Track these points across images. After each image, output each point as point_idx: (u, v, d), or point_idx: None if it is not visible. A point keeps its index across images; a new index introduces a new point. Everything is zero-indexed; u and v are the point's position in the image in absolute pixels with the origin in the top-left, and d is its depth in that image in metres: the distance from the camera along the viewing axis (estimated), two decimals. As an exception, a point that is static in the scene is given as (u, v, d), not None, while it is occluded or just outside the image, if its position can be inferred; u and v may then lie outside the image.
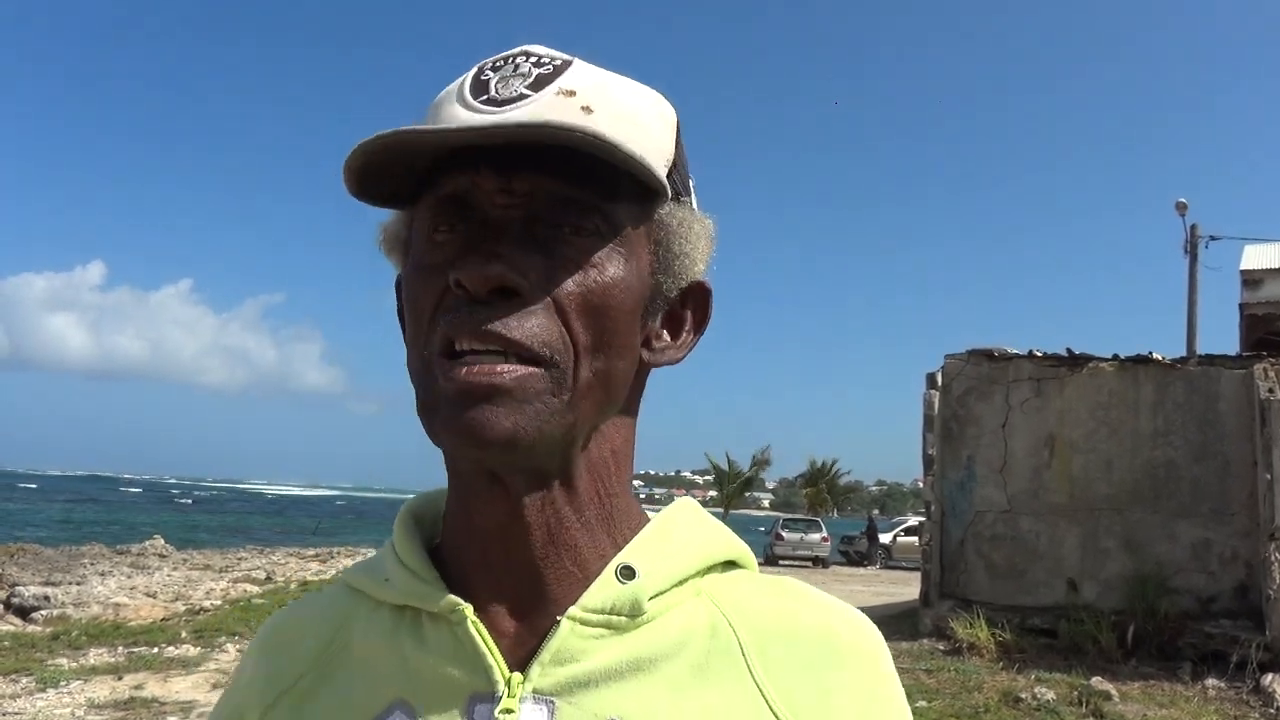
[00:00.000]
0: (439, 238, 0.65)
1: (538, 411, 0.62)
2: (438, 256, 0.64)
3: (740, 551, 0.73)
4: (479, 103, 0.64)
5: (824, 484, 50.25)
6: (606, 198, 0.65)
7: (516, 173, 0.63)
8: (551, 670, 0.63)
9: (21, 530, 29.24)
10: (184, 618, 12.40)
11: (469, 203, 0.64)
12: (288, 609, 0.78)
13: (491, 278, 0.61)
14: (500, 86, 0.65)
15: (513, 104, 0.63)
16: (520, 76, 0.65)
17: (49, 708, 7.51)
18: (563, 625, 0.64)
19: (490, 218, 0.63)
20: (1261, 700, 8.09)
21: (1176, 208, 19.84)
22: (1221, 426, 10.10)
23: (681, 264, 0.70)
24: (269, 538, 35.68)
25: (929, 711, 7.62)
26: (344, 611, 0.72)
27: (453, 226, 0.64)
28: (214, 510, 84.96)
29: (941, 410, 11.18)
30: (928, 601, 10.97)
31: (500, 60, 0.67)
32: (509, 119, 0.62)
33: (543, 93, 0.64)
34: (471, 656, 0.64)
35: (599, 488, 0.69)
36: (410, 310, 0.66)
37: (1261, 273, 18.56)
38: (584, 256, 0.64)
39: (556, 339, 0.62)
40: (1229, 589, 9.84)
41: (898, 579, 21.94)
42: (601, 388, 0.65)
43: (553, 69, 0.66)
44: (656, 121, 0.69)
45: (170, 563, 19.21)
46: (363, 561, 0.76)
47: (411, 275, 0.66)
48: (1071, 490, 10.58)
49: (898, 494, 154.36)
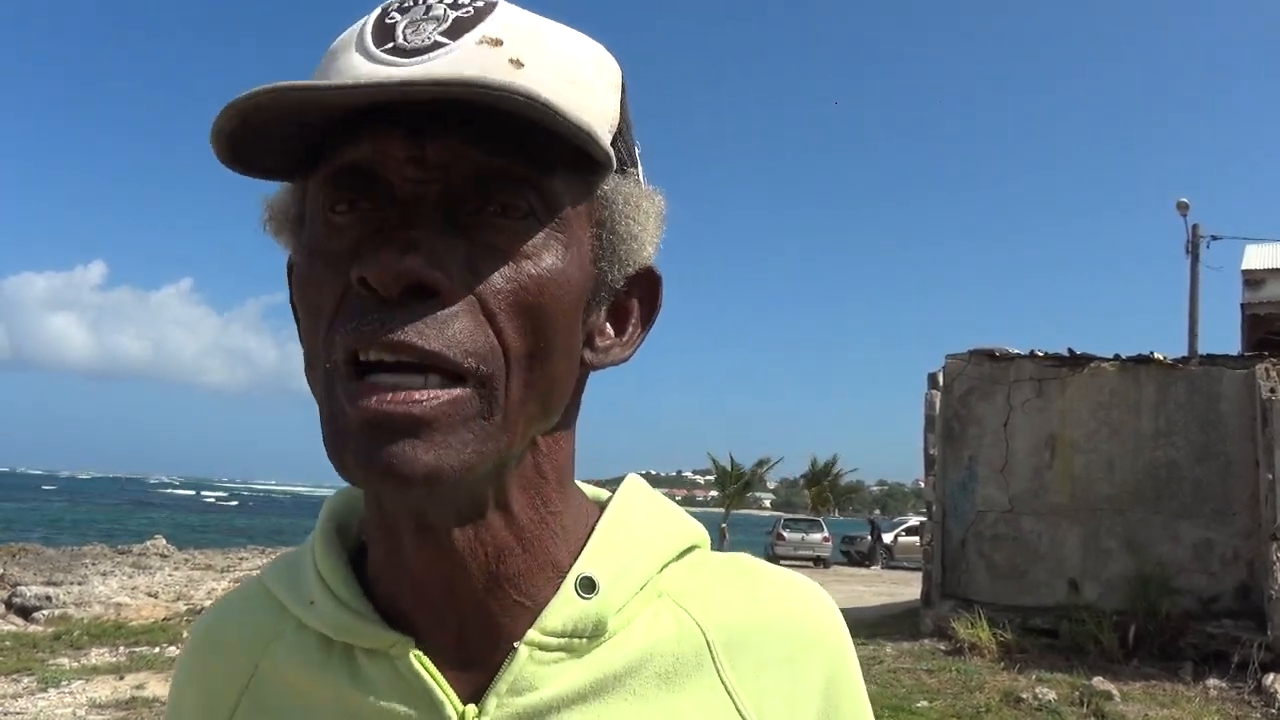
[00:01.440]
0: (337, 219, 0.54)
1: (464, 442, 0.52)
2: (336, 243, 0.54)
3: (696, 534, 0.69)
4: (383, 52, 0.54)
5: (826, 484, 50.22)
6: (542, 170, 0.54)
7: (431, 139, 0.52)
8: (509, 700, 0.58)
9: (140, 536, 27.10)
10: (185, 618, 12.40)
11: (373, 175, 0.53)
12: (211, 618, 0.71)
13: (404, 274, 0.51)
14: (409, 32, 0.54)
15: (424, 54, 0.53)
16: (434, 20, 0.54)
17: (50, 707, 7.51)
18: (520, 652, 0.59)
19: (400, 195, 0.53)
20: (1263, 700, 8.08)
21: (1178, 207, 19.82)
22: (1223, 427, 10.08)
23: (628, 248, 0.60)
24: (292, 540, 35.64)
25: (930, 711, 7.62)
26: (266, 627, 0.65)
27: (353, 204, 0.54)
28: (266, 512, 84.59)
29: (943, 410, 11.17)
30: (929, 601, 10.96)
31: (409, 1, 0.56)
32: (420, 74, 0.51)
33: (461, 40, 0.54)
34: (418, 692, 0.58)
35: (539, 507, 0.61)
36: (304, 307, 0.56)
37: (1263, 272, 18.52)
38: (515, 244, 0.54)
39: (484, 347, 0.53)
40: (1230, 589, 9.83)
41: (899, 579, 21.92)
42: (538, 400, 0.56)
43: (473, 11, 0.55)
44: (598, 79, 0.59)
45: (171, 563, 19.22)
46: (283, 563, 0.69)
47: (305, 264, 0.56)
48: (1073, 490, 10.57)
49: (899, 494, 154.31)
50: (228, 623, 0.69)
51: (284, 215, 0.60)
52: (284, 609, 0.65)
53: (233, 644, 0.67)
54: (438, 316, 0.52)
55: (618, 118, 0.60)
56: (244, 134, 0.53)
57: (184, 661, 0.71)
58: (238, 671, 0.65)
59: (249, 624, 0.67)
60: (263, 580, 0.68)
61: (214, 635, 0.69)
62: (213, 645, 0.68)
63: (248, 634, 0.66)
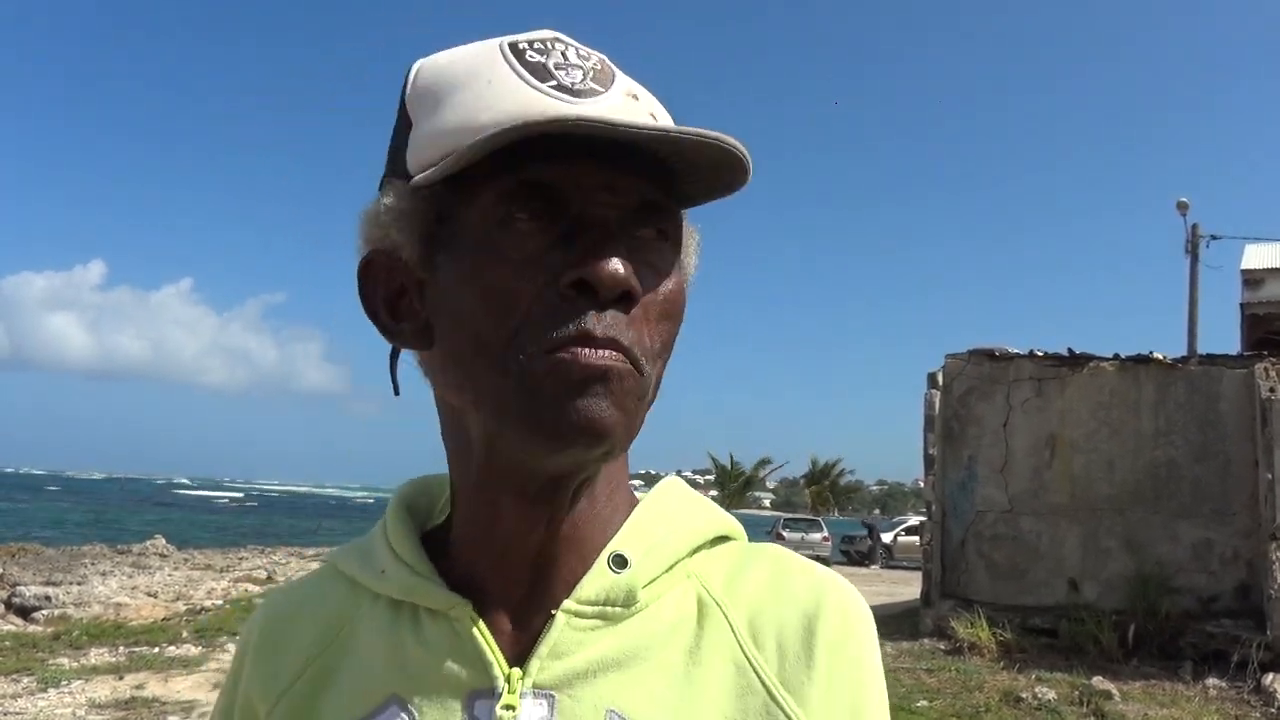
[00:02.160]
0: (521, 226, 0.61)
1: (635, 409, 0.62)
2: (521, 250, 0.60)
3: (729, 525, 0.74)
4: (549, 88, 0.61)
5: (826, 484, 50.28)
6: (678, 204, 0.65)
7: (620, 171, 0.61)
8: (550, 664, 0.63)
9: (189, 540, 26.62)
10: (185, 617, 12.41)
11: (557, 194, 0.60)
12: (281, 598, 0.76)
13: (621, 282, 0.59)
14: (562, 75, 0.62)
15: (589, 97, 0.61)
16: (577, 67, 0.63)
17: (50, 707, 7.52)
18: (558, 619, 0.64)
19: (585, 214, 0.61)
20: (1262, 700, 8.09)
21: (1177, 207, 19.84)
22: (1222, 426, 10.09)
23: (687, 268, 0.69)
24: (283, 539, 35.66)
25: (930, 711, 7.63)
26: (343, 605, 0.71)
27: (536, 216, 0.61)
28: (289, 511, 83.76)
29: (942, 410, 11.18)
30: (929, 601, 10.97)
31: (538, 42, 0.64)
32: (594, 113, 0.59)
33: (611, 91, 0.63)
34: (471, 653, 0.64)
35: (612, 483, 0.69)
36: (485, 307, 0.61)
37: (1262, 272, 18.54)
38: (664, 262, 0.64)
39: (647, 347, 0.63)
40: (1230, 589, 9.84)
41: (898, 579, 21.93)
42: (654, 392, 0.66)
43: (600, 64, 0.64)
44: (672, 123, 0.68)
45: (171, 562, 19.22)
46: (353, 547, 0.75)
47: (486, 266, 0.61)
48: (1072, 490, 10.58)
49: (899, 494, 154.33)
50: (300, 600, 0.74)
51: (409, 216, 0.65)
52: (356, 588, 0.71)
53: (307, 618, 0.72)
54: (630, 319, 0.61)
55: None
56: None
57: (247, 638, 0.75)
58: (311, 641, 0.71)
59: (325, 599, 0.73)
60: (333, 563, 0.75)
61: (286, 612, 0.74)
62: (284, 620, 0.73)
63: (324, 608, 0.72)
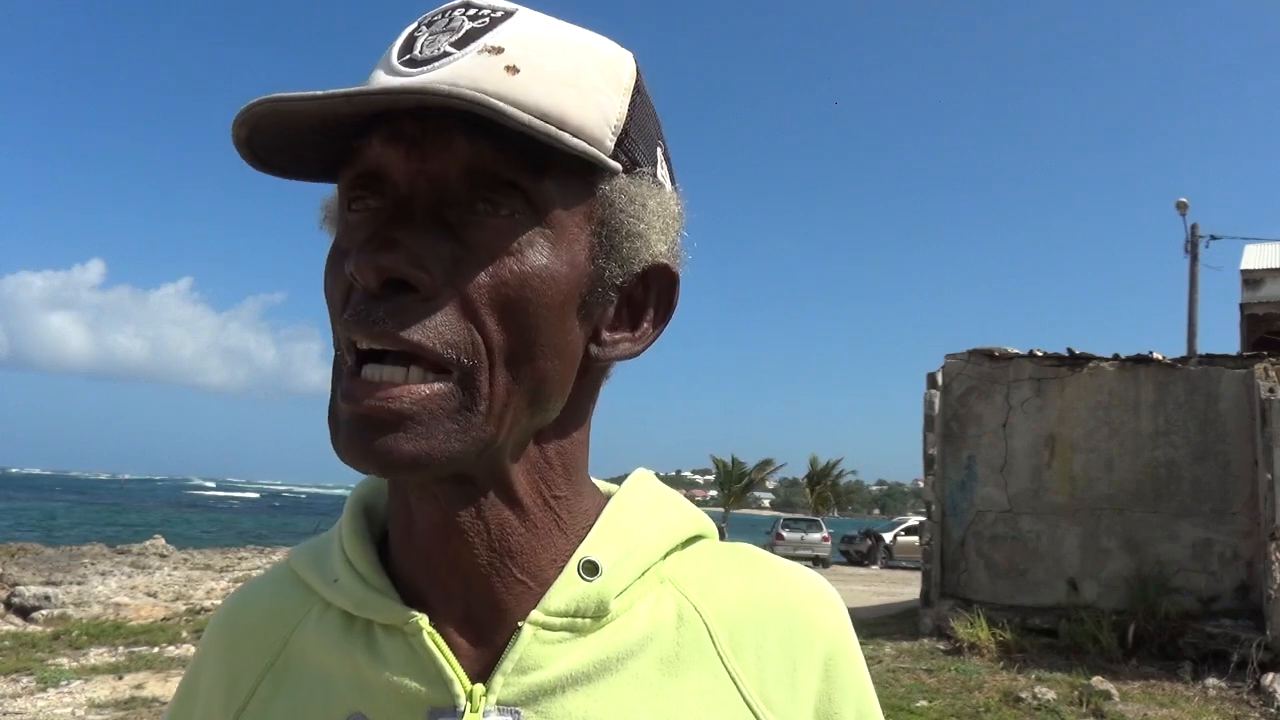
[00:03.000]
0: (352, 217, 0.59)
1: (447, 433, 0.56)
2: (348, 239, 0.59)
3: (701, 523, 0.70)
4: (400, 64, 0.58)
5: (826, 484, 50.26)
6: (533, 173, 0.57)
7: (427, 143, 0.56)
8: (515, 680, 0.60)
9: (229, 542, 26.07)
10: (185, 617, 12.41)
11: (382, 177, 0.58)
12: (238, 601, 0.73)
13: (383, 269, 0.54)
14: (426, 45, 0.58)
15: (430, 64, 0.57)
16: (449, 32, 0.58)
17: (50, 707, 7.51)
18: (524, 631, 0.61)
19: (401, 195, 0.57)
20: (1262, 700, 8.08)
21: (1177, 207, 19.83)
22: (1222, 426, 10.09)
23: (632, 246, 0.62)
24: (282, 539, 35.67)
25: (929, 711, 7.62)
26: (294, 609, 0.68)
27: (365, 203, 0.58)
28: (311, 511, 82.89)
29: (942, 410, 11.18)
30: (928, 601, 10.96)
31: (437, 14, 0.60)
32: (419, 81, 0.55)
33: (466, 50, 0.57)
34: (429, 669, 0.60)
35: (544, 492, 0.64)
36: (326, 301, 0.60)
37: (1262, 272, 18.54)
38: (499, 242, 0.57)
39: (465, 340, 0.56)
40: (1230, 589, 9.83)
41: (898, 579, 21.93)
42: (525, 393, 0.59)
43: (488, 21, 0.59)
44: (602, 81, 0.60)
45: (171, 562, 19.20)
46: (311, 546, 0.72)
47: (327, 262, 0.61)
48: (1072, 490, 10.58)
49: (898, 494, 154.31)
50: (256, 606, 0.71)
51: (332, 215, 0.64)
52: (310, 591, 0.68)
53: (260, 626, 0.69)
54: (418, 310, 0.55)
55: (623, 118, 0.61)
56: (263, 141, 0.57)
57: (207, 643, 0.72)
58: (264, 651, 0.68)
59: (277, 606, 0.69)
60: (289, 564, 0.71)
61: (241, 617, 0.71)
62: (239, 627, 0.70)
63: (275, 616, 0.69)
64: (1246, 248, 19.81)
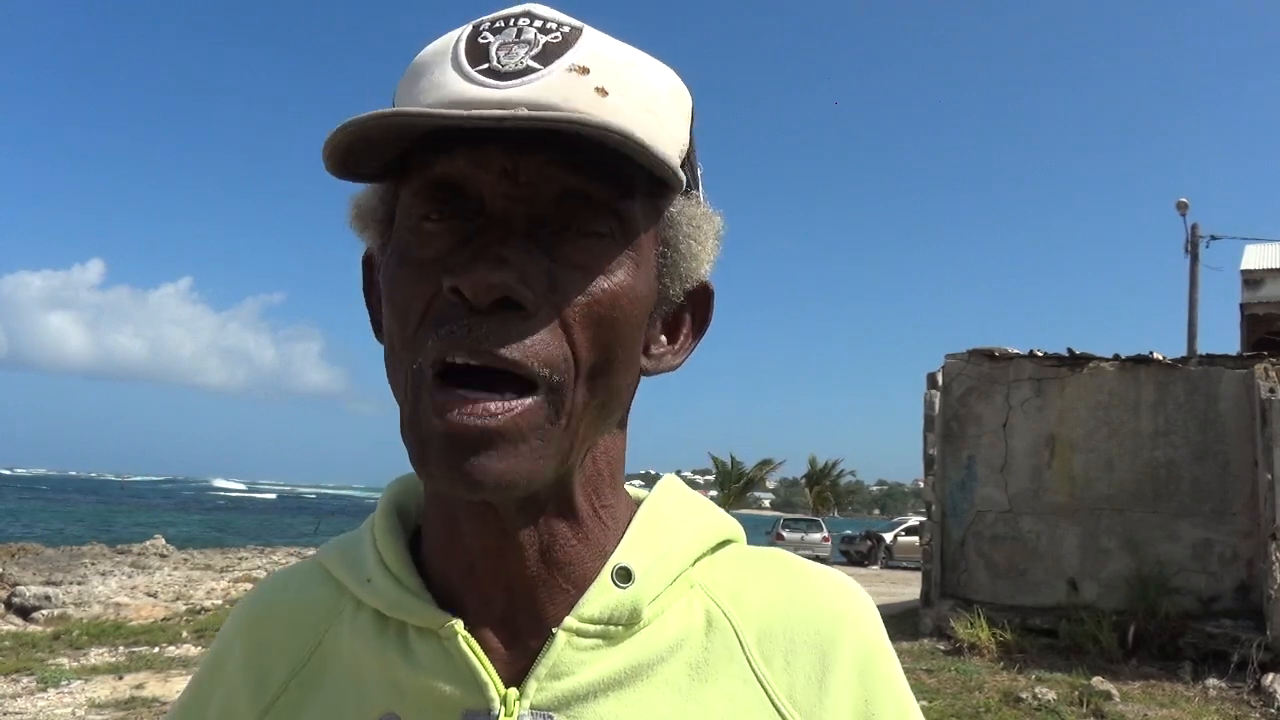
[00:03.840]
0: (429, 227, 0.58)
1: (534, 450, 0.56)
2: (428, 250, 0.58)
3: (730, 528, 0.71)
4: (478, 72, 0.57)
5: (826, 484, 50.30)
6: (621, 194, 0.58)
7: (524, 160, 0.56)
8: (548, 685, 0.61)
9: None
10: (185, 617, 12.41)
11: (465, 189, 0.57)
12: (266, 593, 0.73)
13: (496, 288, 0.54)
14: (502, 55, 0.57)
15: (517, 78, 0.56)
16: (525, 44, 0.58)
17: (50, 707, 7.52)
18: (558, 638, 0.61)
19: (490, 210, 0.57)
20: (1262, 700, 8.08)
21: (1177, 207, 19.83)
22: (1222, 426, 10.09)
23: (689, 265, 0.65)
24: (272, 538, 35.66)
25: (929, 711, 7.62)
26: (327, 608, 0.68)
27: (444, 215, 0.58)
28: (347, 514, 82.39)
29: (942, 410, 11.18)
30: (928, 601, 10.97)
31: (500, 20, 0.60)
32: (516, 96, 0.55)
33: (552, 67, 0.57)
34: (464, 673, 0.61)
35: (594, 502, 0.65)
36: (392, 309, 0.59)
37: (1262, 272, 18.55)
38: (593, 261, 0.58)
39: (558, 358, 0.57)
40: (1230, 589, 9.83)
41: (898, 579, 21.93)
42: (599, 407, 0.60)
43: (561, 37, 0.59)
44: (673, 108, 0.62)
45: (171, 562, 19.20)
46: (342, 543, 0.72)
47: (396, 268, 0.59)
48: (1072, 490, 10.58)
49: (898, 494, 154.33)
50: (286, 601, 0.71)
51: (370, 214, 0.64)
52: (341, 589, 0.68)
53: (292, 622, 0.69)
54: (521, 328, 0.56)
55: (687, 144, 0.64)
56: (353, 148, 0.57)
57: (232, 634, 0.72)
58: (296, 648, 0.68)
59: (309, 603, 0.69)
60: (320, 561, 0.71)
61: (271, 612, 0.71)
62: (269, 621, 0.70)
63: (308, 613, 0.69)
64: (1247, 248, 19.83)
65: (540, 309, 0.56)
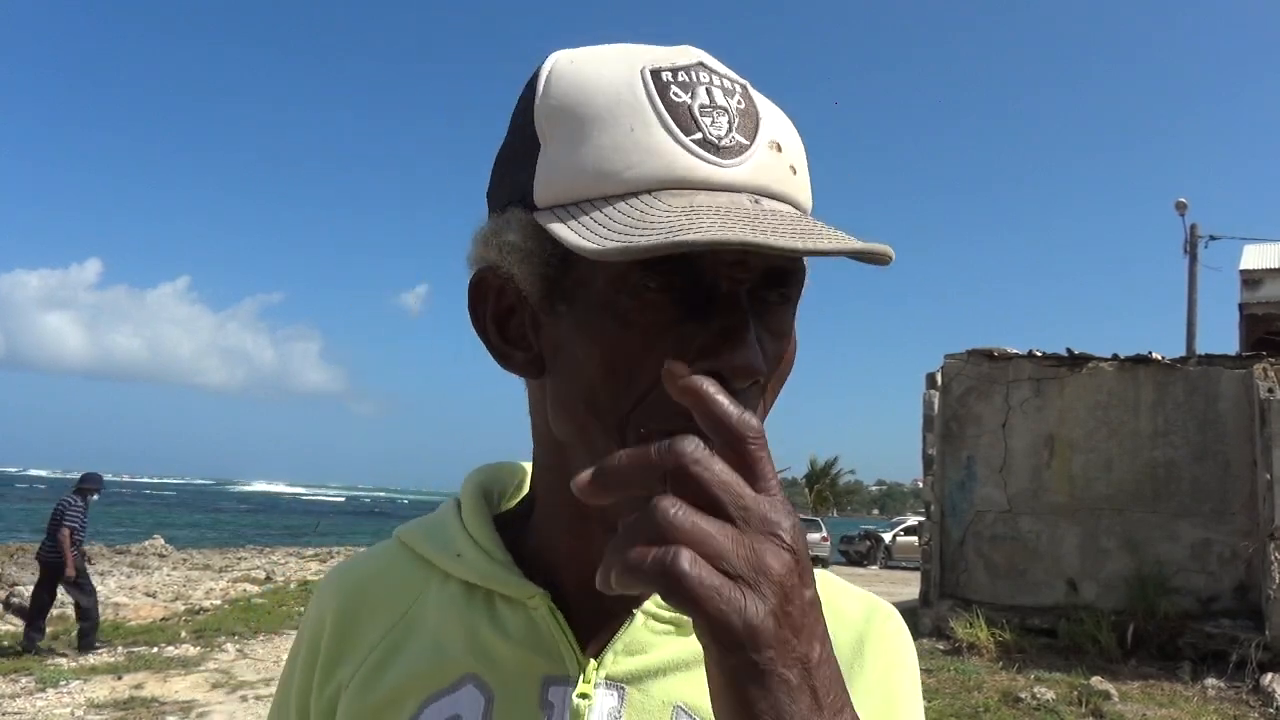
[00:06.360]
0: (651, 297, 0.59)
1: None
2: (650, 316, 0.59)
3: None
4: (695, 144, 0.58)
5: (825, 484, 50.32)
6: (800, 267, 0.63)
7: (757, 249, 0.58)
8: (623, 659, 0.67)
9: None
10: (184, 617, 12.42)
11: (691, 263, 0.58)
12: (352, 571, 0.78)
13: (756, 373, 0.58)
14: (708, 125, 0.59)
15: (734, 156, 0.59)
16: (722, 111, 0.60)
17: (49, 707, 7.51)
18: (636, 619, 0.68)
19: (719, 287, 0.59)
20: (1261, 700, 8.09)
21: (1176, 207, 19.84)
22: (1221, 426, 10.10)
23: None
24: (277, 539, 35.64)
25: (928, 711, 7.58)
26: (414, 582, 0.74)
27: (667, 286, 0.59)
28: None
29: (941, 410, 11.19)
30: (927, 601, 10.97)
31: (681, 72, 0.61)
32: (740, 179, 0.58)
33: (756, 144, 0.60)
34: (548, 641, 0.67)
35: None
36: (609, 369, 0.60)
37: (1261, 272, 18.57)
38: (785, 327, 0.63)
39: (761, 417, 0.62)
40: (1229, 589, 9.84)
41: (897, 579, 21.94)
42: None
43: (744, 102, 0.61)
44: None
45: (170, 562, 19.21)
46: (421, 525, 0.77)
47: (617, 331, 0.60)
48: (1071, 490, 10.59)
49: (897, 494, 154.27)
50: (371, 573, 0.76)
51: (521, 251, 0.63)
52: (426, 566, 0.74)
53: (381, 593, 0.74)
54: (754, 397, 0.60)
55: None
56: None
57: (324, 607, 0.76)
58: (386, 616, 0.73)
59: (396, 576, 0.75)
60: (401, 540, 0.77)
61: (360, 585, 0.76)
62: (358, 594, 0.75)
63: (396, 585, 0.74)
64: (1246, 248, 19.84)
65: (764, 380, 0.61)
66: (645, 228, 0.55)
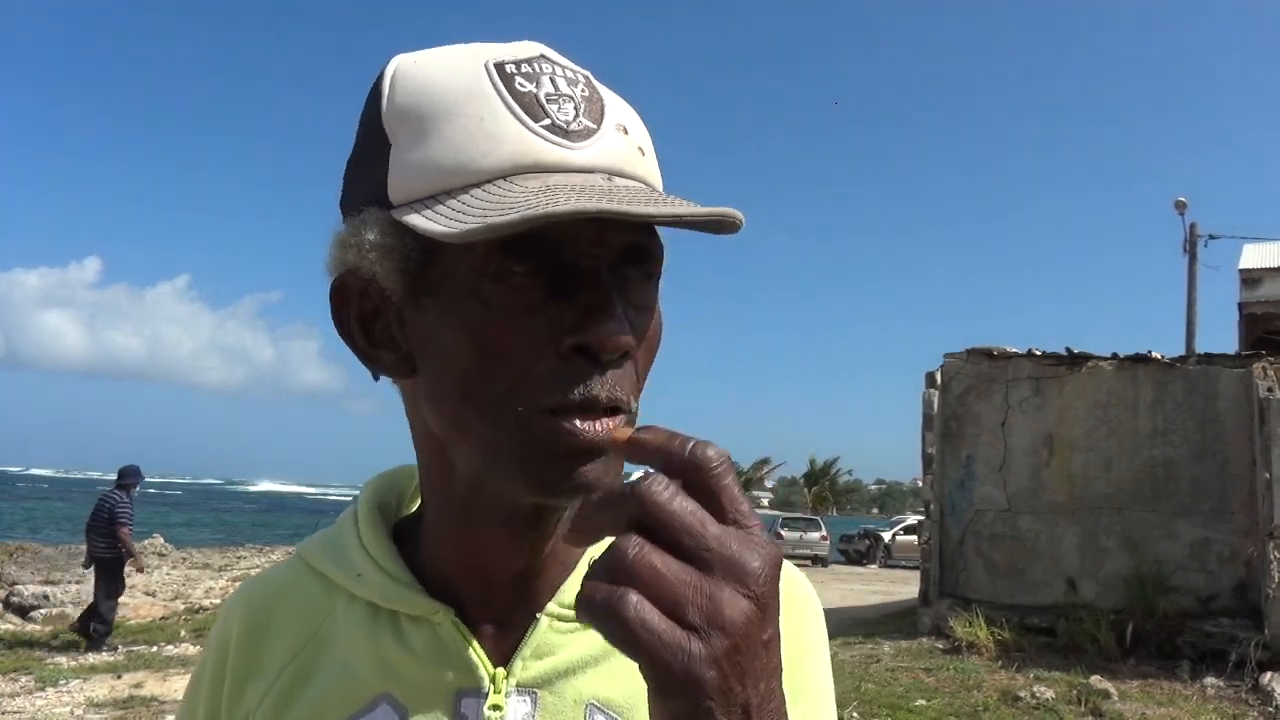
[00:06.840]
0: (516, 280, 0.59)
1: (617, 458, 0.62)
2: (517, 299, 0.60)
3: None
4: (547, 130, 0.60)
5: (825, 483, 50.35)
6: (658, 240, 0.64)
7: (611, 225, 0.59)
8: (532, 664, 0.67)
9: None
10: (183, 616, 12.43)
11: (550, 244, 0.59)
12: (259, 587, 0.77)
13: (624, 346, 0.60)
14: (555, 110, 0.61)
15: (583, 139, 0.61)
16: (567, 98, 0.62)
17: (48, 706, 7.52)
18: (541, 622, 0.68)
19: (572, 260, 0.60)
20: (1260, 699, 8.10)
21: (1176, 206, 19.86)
22: (1220, 425, 10.10)
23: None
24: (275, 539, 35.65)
25: (928, 710, 7.63)
26: (323, 599, 0.73)
27: (531, 270, 0.60)
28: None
29: (941, 409, 11.19)
30: (927, 600, 10.98)
31: (526, 65, 0.62)
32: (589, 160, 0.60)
33: (603, 127, 0.62)
34: (456, 655, 0.67)
35: None
36: (484, 355, 0.61)
37: (1260, 271, 18.55)
38: (648, 300, 0.64)
39: (635, 387, 0.63)
40: (1228, 588, 9.84)
41: (897, 578, 21.95)
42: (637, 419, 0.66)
43: (589, 90, 0.63)
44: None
45: (169, 561, 19.20)
46: (322, 543, 0.76)
47: (483, 318, 0.60)
48: (1071, 489, 10.59)
49: (897, 493, 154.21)
50: (278, 593, 0.75)
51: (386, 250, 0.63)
52: (330, 585, 0.73)
53: (288, 614, 0.74)
54: (628, 372, 0.62)
55: None
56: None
57: (228, 627, 0.75)
58: (294, 637, 0.72)
59: (303, 596, 0.74)
60: (304, 559, 0.76)
61: (266, 604, 0.75)
62: (265, 614, 0.74)
63: (303, 605, 0.74)
64: (1245, 247, 19.83)
65: (634, 352, 0.62)
66: (505, 208, 0.55)
